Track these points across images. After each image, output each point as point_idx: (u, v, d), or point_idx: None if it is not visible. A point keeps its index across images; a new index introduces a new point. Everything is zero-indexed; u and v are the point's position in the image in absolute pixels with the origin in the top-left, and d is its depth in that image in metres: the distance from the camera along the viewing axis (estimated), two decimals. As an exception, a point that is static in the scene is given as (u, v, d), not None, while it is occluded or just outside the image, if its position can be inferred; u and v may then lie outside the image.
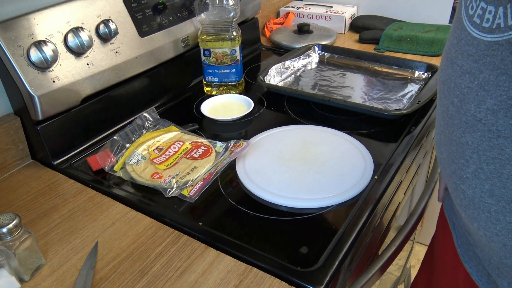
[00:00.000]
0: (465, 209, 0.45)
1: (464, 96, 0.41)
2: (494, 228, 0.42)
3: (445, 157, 0.47)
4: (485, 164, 0.40)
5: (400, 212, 0.81)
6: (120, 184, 0.69)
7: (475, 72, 0.39)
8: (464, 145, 0.42)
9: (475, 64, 0.39)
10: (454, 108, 0.43)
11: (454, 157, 0.45)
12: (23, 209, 0.65)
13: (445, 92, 0.45)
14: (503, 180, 0.39)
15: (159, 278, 0.53)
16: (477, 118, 0.40)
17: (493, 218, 0.41)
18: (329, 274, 0.51)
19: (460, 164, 0.44)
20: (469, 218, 0.45)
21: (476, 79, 0.39)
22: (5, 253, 0.50)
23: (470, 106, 0.40)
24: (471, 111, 0.40)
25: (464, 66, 0.41)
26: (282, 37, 1.22)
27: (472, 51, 0.39)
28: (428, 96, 0.84)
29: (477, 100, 0.39)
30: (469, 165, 0.42)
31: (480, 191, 0.42)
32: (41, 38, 0.68)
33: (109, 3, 0.78)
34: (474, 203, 0.43)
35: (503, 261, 0.43)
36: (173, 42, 0.91)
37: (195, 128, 0.82)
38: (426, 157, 0.94)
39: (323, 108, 0.88)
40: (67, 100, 0.73)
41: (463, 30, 0.41)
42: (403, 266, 1.14)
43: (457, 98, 0.42)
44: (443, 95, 0.46)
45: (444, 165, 0.48)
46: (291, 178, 0.67)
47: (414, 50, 1.13)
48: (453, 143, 0.44)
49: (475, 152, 0.41)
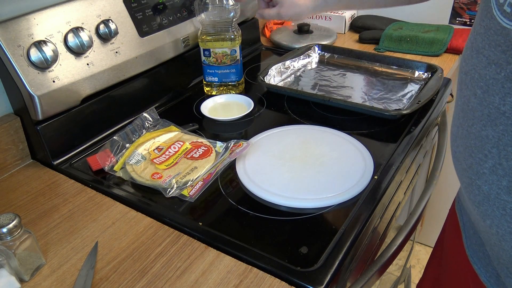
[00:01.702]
0: (479, 205, 0.44)
1: (489, 87, 0.40)
2: (508, 226, 0.41)
3: (461, 150, 0.46)
4: (504, 160, 0.39)
5: (400, 212, 0.81)
6: (120, 184, 0.69)
7: (503, 63, 0.38)
8: (484, 138, 0.41)
9: (503, 55, 0.38)
10: (476, 100, 0.42)
11: (471, 151, 0.43)
12: (23, 209, 0.65)
13: (467, 83, 0.44)
14: None
15: (159, 278, 0.53)
16: (501, 111, 0.38)
17: (508, 216, 0.40)
18: (329, 274, 0.51)
19: (478, 159, 0.42)
20: (482, 215, 0.44)
21: (503, 70, 0.38)
22: (5, 253, 0.50)
23: (495, 98, 0.39)
24: (495, 104, 0.39)
25: (491, 56, 0.39)
26: (282, 37, 1.22)
27: (501, 41, 0.38)
28: (428, 96, 0.84)
29: (503, 92, 0.38)
30: (487, 160, 0.41)
31: (497, 188, 0.40)
32: (41, 38, 0.68)
33: (109, 3, 0.78)
34: (489, 199, 0.42)
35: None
36: (173, 42, 0.91)
37: (195, 128, 0.82)
38: (426, 157, 0.94)
39: (323, 108, 0.88)
40: (67, 100, 0.73)
41: (492, 19, 0.39)
42: (403, 266, 1.14)
43: (480, 90, 0.41)
44: (465, 86, 0.44)
45: (459, 159, 0.47)
46: (291, 178, 0.67)
47: (414, 50, 1.13)
48: (471, 136, 0.43)
49: (495, 146, 0.40)
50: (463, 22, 1.22)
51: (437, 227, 1.59)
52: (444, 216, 0.70)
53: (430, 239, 1.65)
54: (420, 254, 1.66)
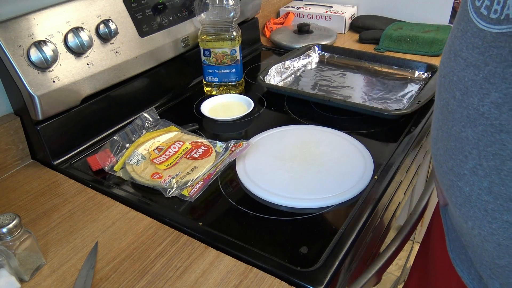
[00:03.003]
0: (460, 207, 0.44)
1: (468, 89, 0.40)
2: (489, 227, 0.41)
3: (441, 153, 0.46)
4: (484, 160, 0.39)
5: (400, 212, 0.81)
6: (120, 184, 0.69)
7: (480, 65, 0.38)
8: (463, 140, 0.41)
9: (480, 56, 0.38)
10: (455, 102, 0.42)
11: (452, 153, 0.43)
12: (23, 209, 0.65)
13: (446, 86, 0.44)
14: (503, 177, 0.38)
15: (159, 278, 0.53)
16: (480, 112, 0.39)
17: (489, 216, 0.40)
18: (329, 274, 0.51)
19: (458, 160, 0.42)
20: (463, 217, 0.44)
21: (481, 71, 0.38)
22: (5, 253, 0.50)
23: (473, 99, 0.39)
24: (474, 105, 0.39)
25: (469, 58, 0.40)
26: (282, 37, 1.22)
27: (478, 43, 0.38)
28: (428, 96, 0.84)
29: (481, 93, 0.38)
30: (467, 161, 0.41)
31: (478, 189, 0.41)
32: (41, 38, 0.68)
33: (109, 3, 0.78)
34: (470, 200, 0.42)
35: (496, 261, 0.43)
36: (173, 42, 0.91)
37: (195, 128, 0.82)
38: (426, 157, 0.94)
39: (323, 108, 0.88)
40: (67, 100, 0.73)
41: (469, 22, 0.40)
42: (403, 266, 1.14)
43: (459, 92, 0.41)
44: (444, 89, 0.45)
45: (440, 162, 0.47)
46: (291, 178, 0.67)
47: (414, 50, 1.13)
48: (451, 138, 0.43)
49: (475, 147, 0.40)
50: (463, 22, 1.22)
51: (437, 227, 1.58)
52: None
53: (430, 239, 1.65)
54: (420, 254, 1.66)
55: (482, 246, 0.44)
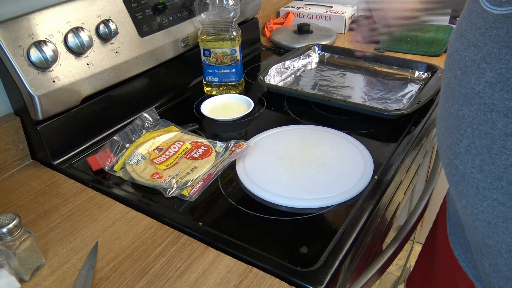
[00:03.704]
0: (456, 185, 0.45)
1: (467, 68, 0.41)
2: (480, 205, 0.42)
3: (442, 131, 0.47)
4: (477, 139, 0.40)
5: (400, 212, 0.81)
6: (120, 184, 0.69)
7: (480, 45, 0.39)
8: (460, 118, 0.42)
9: (481, 36, 0.39)
10: (456, 80, 0.43)
11: (450, 131, 0.45)
12: (23, 209, 0.65)
13: (450, 65, 0.45)
14: (493, 156, 0.39)
15: (159, 278, 0.53)
16: (476, 91, 0.40)
17: (480, 194, 0.42)
18: (329, 274, 0.51)
19: (455, 139, 0.44)
20: (458, 195, 0.46)
21: (480, 51, 0.39)
22: (5, 253, 0.50)
23: (471, 78, 0.40)
24: (471, 84, 0.41)
25: (471, 38, 0.41)
26: (282, 37, 1.22)
27: (481, 24, 0.40)
28: (428, 96, 0.84)
29: (478, 72, 0.40)
30: (463, 139, 0.42)
31: (471, 167, 0.42)
32: (41, 38, 0.68)
33: (109, 3, 0.78)
34: (464, 178, 0.43)
35: (486, 241, 0.44)
36: (173, 42, 0.91)
37: (195, 128, 0.82)
38: (426, 157, 0.94)
39: (323, 108, 0.88)
40: (67, 100, 0.73)
41: (476, 2, 0.41)
42: (403, 266, 1.14)
43: (460, 71, 0.42)
44: (448, 68, 0.46)
45: (441, 141, 0.48)
46: (291, 178, 0.67)
47: (414, 50, 1.13)
48: (451, 117, 0.44)
49: (470, 126, 0.41)
50: (463, 22, 1.22)
51: (437, 227, 1.58)
52: (444, 216, 0.70)
53: (430, 239, 1.65)
54: (420, 254, 1.66)
55: (474, 226, 0.45)
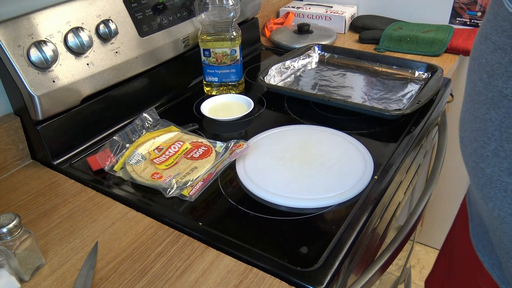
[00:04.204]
0: (482, 188, 0.45)
1: (494, 72, 0.41)
2: (509, 208, 0.42)
3: (467, 135, 0.47)
4: (506, 142, 0.40)
5: (400, 212, 0.81)
6: (120, 184, 0.69)
7: (507, 48, 0.39)
8: (487, 122, 0.43)
9: (508, 40, 0.39)
10: (482, 84, 0.43)
11: (476, 135, 0.45)
12: (23, 209, 0.65)
13: (475, 69, 0.45)
14: None
15: (159, 278, 0.53)
16: (504, 94, 0.40)
17: (509, 197, 0.41)
18: (329, 274, 0.51)
19: (482, 142, 0.44)
20: (484, 198, 0.46)
21: (507, 55, 0.39)
22: (5, 253, 0.50)
23: (498, 82, 0.41)
24: (498, 87, 0.41)
25: (497, 42, 0.41)
26: (282, 37, 1.22)
27: (507, 27, 0.40)
28: (428, 96, 0.84)
29: (506, 76, 0.40)
30: (490, 142, 0.42)
31: (499, 170, 0.42)
32: (41, 38, 0.68)
33: (109, 3, 0.78)
34: (491, 182, 0.43)
35: None
36: (173, 42, 0.91)
37: (195, 128, 0.82)
38: (426, 157, 0.94)
39: (323, 108, 0.88)
40: (67, 100, 0.73)
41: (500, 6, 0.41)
42: (403, 266, 1.14)
43: (486, 74, 0.43)
44: (473, 72, 0.46)
45: (465, 144, 0.48)
46: (291, 178, 0.67)
47: (414, 50, 1.13)
48: (477, 120, 0.44)
49: (498, 129, 0.41)
50: (463, 22, 1.22)
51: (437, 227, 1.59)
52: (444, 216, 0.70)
53: (430, 239, 1.65)
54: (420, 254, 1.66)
55: (501, 228, 0.45)
